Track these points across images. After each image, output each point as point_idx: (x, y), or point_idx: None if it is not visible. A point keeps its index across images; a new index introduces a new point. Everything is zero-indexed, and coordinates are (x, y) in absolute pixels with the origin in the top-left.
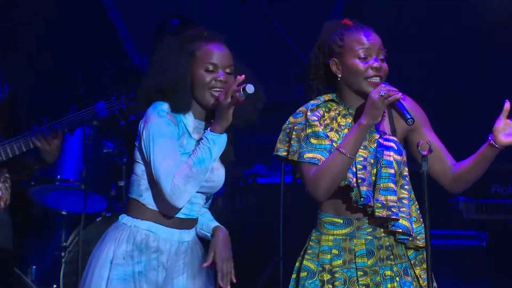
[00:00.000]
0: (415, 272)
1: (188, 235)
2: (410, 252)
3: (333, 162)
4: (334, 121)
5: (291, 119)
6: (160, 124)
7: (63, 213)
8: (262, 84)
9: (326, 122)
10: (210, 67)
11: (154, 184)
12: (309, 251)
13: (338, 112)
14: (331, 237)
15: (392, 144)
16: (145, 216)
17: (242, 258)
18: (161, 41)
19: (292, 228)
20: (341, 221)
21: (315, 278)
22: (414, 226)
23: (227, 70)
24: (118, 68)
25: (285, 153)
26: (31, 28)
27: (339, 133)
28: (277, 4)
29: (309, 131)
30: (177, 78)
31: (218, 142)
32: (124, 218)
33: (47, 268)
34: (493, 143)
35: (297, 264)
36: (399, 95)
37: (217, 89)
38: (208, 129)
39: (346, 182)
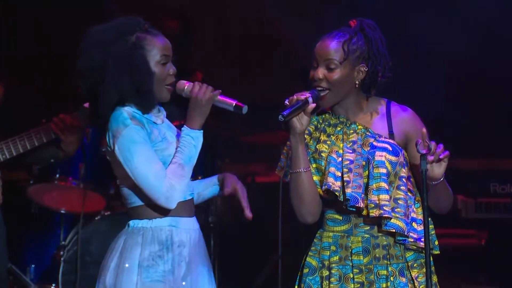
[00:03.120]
0: (411, 274)
1: (197, 222)
2: (409, 254)
3: (293, 185)
4: (323, 133)
5: None
6: (130, 134)
7: (62, 212)
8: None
9: (315, 135)
10: (164, 60)
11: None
12: (312, 248)
13: (328, 122)
14: (331, 234)
15: (387, 145)
16: (162, 213)
17: (241, 257)
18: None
19: (290, 227)
20: (341, 218)
21: (315, 275)
22: (418, 228)
23: (172, 59)
24: None
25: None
26: (30, 28)
27: (327, 142)
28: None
29: None
30: (144, 77)
31: (200, 138)
32: (140, 223)
33: (45, 267)
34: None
35: (302, 261)
36: (296, 98)
37: (169, 85)
38: (186, 126)
39: (326, 187)
